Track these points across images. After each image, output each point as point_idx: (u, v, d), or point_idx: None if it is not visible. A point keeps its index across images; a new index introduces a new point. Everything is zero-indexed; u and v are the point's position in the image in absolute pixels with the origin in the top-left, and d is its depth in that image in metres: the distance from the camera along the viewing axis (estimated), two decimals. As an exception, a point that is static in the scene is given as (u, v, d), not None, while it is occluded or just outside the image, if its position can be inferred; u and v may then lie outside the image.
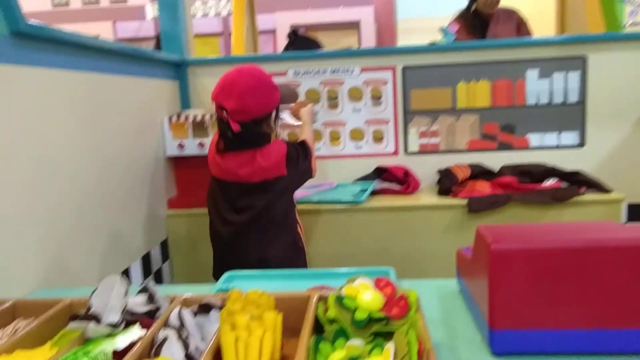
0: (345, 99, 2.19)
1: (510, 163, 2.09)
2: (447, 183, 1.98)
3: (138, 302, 0.78)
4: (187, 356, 0.66)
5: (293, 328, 0.71)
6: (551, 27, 3.29)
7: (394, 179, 2.09)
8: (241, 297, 0.73)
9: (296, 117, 1.76)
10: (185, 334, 0.69)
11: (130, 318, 0.74)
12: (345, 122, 2.21)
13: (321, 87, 2.19)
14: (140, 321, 0.74)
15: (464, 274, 0.89)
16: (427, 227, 1.86)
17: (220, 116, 1.43)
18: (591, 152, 2.10)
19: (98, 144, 1.47)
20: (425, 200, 1.93)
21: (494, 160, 2.11)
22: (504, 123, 2.14)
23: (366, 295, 0.69)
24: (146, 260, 1.77)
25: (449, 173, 2.04)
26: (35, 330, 0.74)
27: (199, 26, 5.02)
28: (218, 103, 1.42)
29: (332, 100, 2.20)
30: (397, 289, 0.72)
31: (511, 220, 1.81)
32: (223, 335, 0.62)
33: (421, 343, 0.61)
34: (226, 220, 1.49)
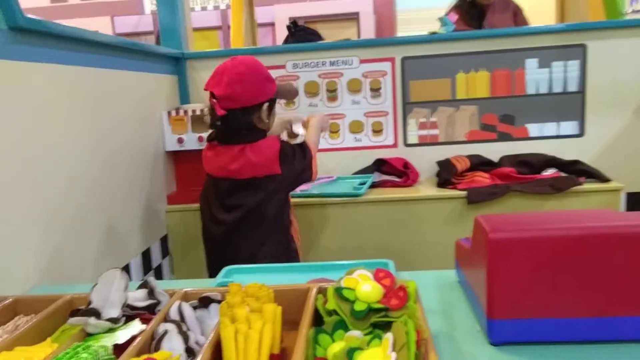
0: (344, 91, 2.18)
1: (509, 153, 2.09)
2: (447, 174, 1.97)
3: (138, 297, 0.78)
4: (187, 350, 0.66)
5: (293, 320, 0.71)
6: (551, 16, 3.28)
7: (394, 171, 2.09)
8: (241, 290, 0.73)
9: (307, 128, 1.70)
10: (185, 328, 0.70)
11: (130, 313, 0.75)
12: (344, 115, 2.20)
13: (320, 80, 2.18)
14: (140, 316, 0.74)
15: (463, 265, 0.89)
16: (427, 219, 1.86)
17: (211, 104, 1.41)
18: (590, 142, 2.09)
19: (97, 140, 1.47)
20: (424, 191, 1.93)
21: (494, 150, 2.11)
22: (503, 113, 2.13)
23: (365, 286, 0.69)
24: (146, 256, 1.78)
25: (449, 164, 2.03)
26: (35, 326, 0.74)
27: (198, 20, 5.00)
28: (209, 90, 1.40)
29: (331, 92, 2.19)
30: (396, 280, 0.72)
31: (511, 210, 1.81)
32: (223, 328, 0.62)
33: (419, 332, 0.61)
34: (217, 219, 1.46)
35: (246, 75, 1.39)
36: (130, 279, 0.79)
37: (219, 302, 0.75)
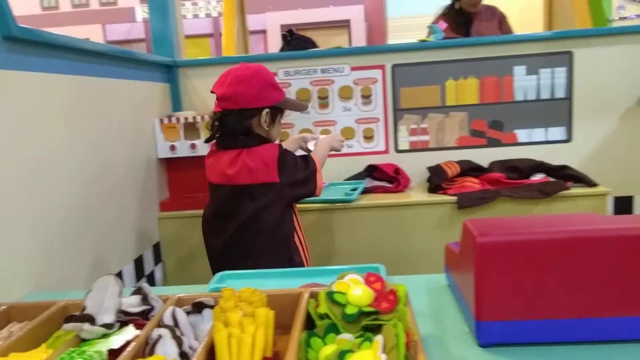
0: (335, 99, 2.20)
1: (499, 159, 2.11)
2: (437, 180, 2.00)
3: (132, 303, 0.79)
4: (181, 354, 0.67)
5: (285, 324, 0.72)
6: (539, 23, 3.32)
7: (385, 177, 2.11)
8: (234, 295, 0.74)
9: None
10: (179, 333, 0.71)
11: (124, 318, 0.75)
12: (335, 122, 2.22)
13: (312, 87, 2.20)
14: (134, 321, 0.75)
15: (452, 268, 0.91)
16: (418, 224, 1.88)
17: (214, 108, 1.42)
18: (578, 147, 2.13)
19: (89, 148, 1.47)
20: (415, 197, 1.95)
21: (483, 156, 2.14)
22: (492, 119, 2.16)
23: (356, 290, 0.71)
24: (138, 263, 1.78)
25: (439, 170, 2.06)
26: (30, 332, 0.74)
27: (190, 27, 5.02)
28: (213, 92, 1.42)
29: (323, 99, 2.21)
30: (387, 284, 0.73)
31: (500, 215, 1.83)
32: (216, 332, 0.63)
33: (409, 335, 0.63)
34: (216, 230, 1.45)
35: (248, 77, 1.39)
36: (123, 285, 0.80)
37: (212, 308, 0.76)
